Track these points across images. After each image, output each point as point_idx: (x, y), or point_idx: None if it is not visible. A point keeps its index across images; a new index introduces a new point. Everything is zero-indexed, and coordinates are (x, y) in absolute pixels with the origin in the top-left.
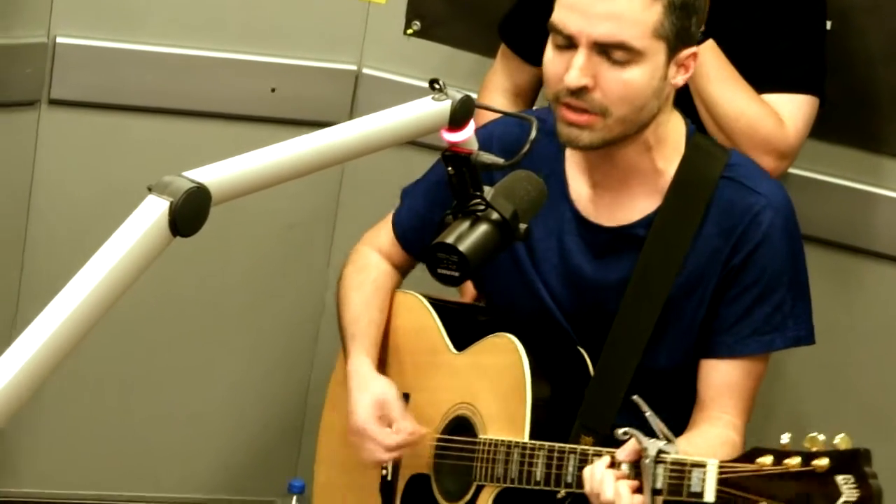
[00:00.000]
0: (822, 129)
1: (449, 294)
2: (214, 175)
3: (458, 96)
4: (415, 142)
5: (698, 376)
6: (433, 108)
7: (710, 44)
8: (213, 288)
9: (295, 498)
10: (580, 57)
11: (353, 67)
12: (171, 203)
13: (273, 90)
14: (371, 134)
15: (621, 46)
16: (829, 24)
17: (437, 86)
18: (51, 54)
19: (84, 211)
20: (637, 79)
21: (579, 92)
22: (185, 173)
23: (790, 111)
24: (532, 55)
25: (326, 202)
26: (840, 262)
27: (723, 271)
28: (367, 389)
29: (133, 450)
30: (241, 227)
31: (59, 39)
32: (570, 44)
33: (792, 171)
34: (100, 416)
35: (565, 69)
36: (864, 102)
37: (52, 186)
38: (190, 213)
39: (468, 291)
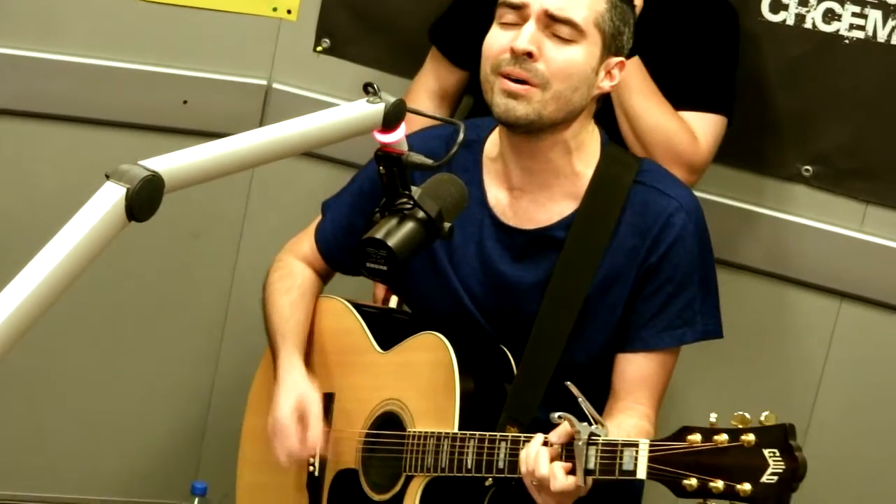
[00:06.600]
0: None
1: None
2: (168, 164)
3: (391, 100)
4: (320, 154)
5: (613, 369)
6: (367, 111)
7: (636, 60)
8: (117, 291)
9: (197, 500)
10: (529, 25)
11: (264, 82)
12: (128, 190)
13: (185, 102)
14: (312, 132)
15: (568, 22)
16: None
17: (370, 89)
18: None
19: None
20: (577, 57)
21: (523, 60)
22: (141, 162)
23: (703, 128)
24: (460, 59)
25: (233, 212)
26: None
27: (639, 270)
28: (294, 390)
29: (34, 450)
30: (147, 232)
31: None
32: (518, 20)
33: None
34: (1, 415)
35: (509, 41)
36: (762, 126)
37: None
38: (145, 200)
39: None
